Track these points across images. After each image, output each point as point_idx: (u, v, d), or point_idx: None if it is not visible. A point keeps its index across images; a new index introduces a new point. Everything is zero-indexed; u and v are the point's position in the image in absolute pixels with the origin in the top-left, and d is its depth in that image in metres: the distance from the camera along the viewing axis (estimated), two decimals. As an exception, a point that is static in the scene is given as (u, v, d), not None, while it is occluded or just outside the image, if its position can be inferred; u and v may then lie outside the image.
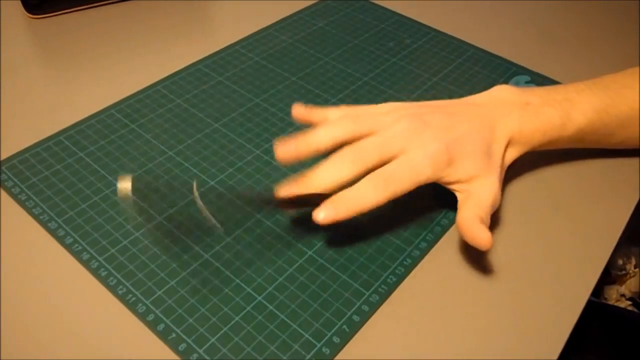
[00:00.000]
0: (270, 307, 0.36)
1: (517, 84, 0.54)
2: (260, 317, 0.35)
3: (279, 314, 0.36)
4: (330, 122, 0.39)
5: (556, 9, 0.67)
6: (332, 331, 0.35)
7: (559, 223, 0.42)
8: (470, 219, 0.37)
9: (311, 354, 0.34)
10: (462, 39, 0.60)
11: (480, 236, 0.36)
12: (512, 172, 0.45)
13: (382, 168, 0.37)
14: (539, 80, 0.55)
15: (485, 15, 0.65)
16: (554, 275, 0.39)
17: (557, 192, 0.44)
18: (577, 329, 0.36)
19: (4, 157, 0.45)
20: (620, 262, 1.06)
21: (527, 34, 0.62)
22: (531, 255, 0.40)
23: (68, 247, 0.39)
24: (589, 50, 0.60)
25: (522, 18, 0.65)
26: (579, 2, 0.68)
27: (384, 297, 0.37)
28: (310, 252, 0.39)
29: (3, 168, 0.44)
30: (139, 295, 0.36)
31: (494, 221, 0.42)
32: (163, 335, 0.34)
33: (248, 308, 0.36)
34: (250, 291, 0.37)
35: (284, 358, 0.33)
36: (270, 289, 0.37)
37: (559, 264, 0.40)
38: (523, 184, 0.45)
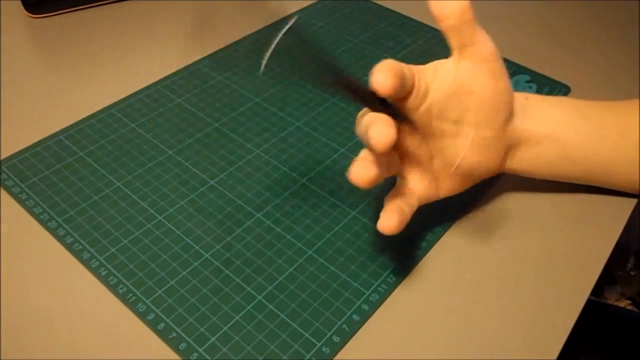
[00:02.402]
0: (270, 307, 0.36)
1: (517, 83, 0.54)
2: (260, 317, 0.35)
3: (279, 313, 0.36)
4: None
5: (556, 8, 0.67)
6: (332, 330, 0.35)
7: (559, 222, 0.42)
8: None
9: (311, 353, 0.34)
10: (462, 38, 0.60)
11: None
12: (512, 171, 0.45)
13: None
14: (539, 80, 0.55)
15: (485, 15, 0.65)
16: (553, 275, 0.39)
17: (557, 192, 0.44)
18: (575, 329, 0.36)
19: (4, 156, 0.45)
20: (620, 261, 1.06)
21: (527, 34, 0.62)
22: (531, 255, 0.40)
23: (68, 247, 0.39)
24: (589, 49, 0.60)
25: (522, 18, 0.65)
26: (579, 2, 0.68)
27: (383, 296, 0.37)
28: (310, 252, 0.39)
29: (3, 167, 0.44)
30: (139, 295, 0.36)
31: (495, 220, 0.42)
32: (163, 335, 0.34)
33: (248, 307, 0.36)
34: (251, 290, 0.37)
35: (284, 357, 0.34)
36: (271, 288, 0.37)
37: (558, 263, 0.40)
38: (523, 184, 0.45)
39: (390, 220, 0.34)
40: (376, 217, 0.41)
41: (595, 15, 0.66)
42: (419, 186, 0.37)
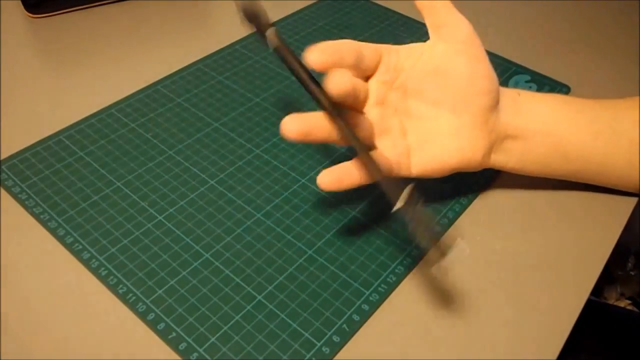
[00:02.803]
0: (270, 307, 0.36)
1: (517, 83, 0.54)
2: (260, 317, 0.35)
3: (279, 313, 0.36)
4: None
5: (556, 8, 0.67)
6: (332, 330, 0.35)
7: (559, 223, 0.42)
8: None
9: (311, 353, 0.34)
10: (462, 38, 0.60)
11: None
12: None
13: None
14: (539, 80, 0.55)
15: (485, 15, 0.65)
16: (553, 275, 0.39)
17: (557, 192, 0.44)
18: (576, 329, 0.36)
19: (4, 156, 0.45)
20: (620, 261, 1.06)
21: (526, 33, 0.62)
22: (531, 255, 0.40)
23: (68, 247, 0.39)
24: (589, 49, 0.60)
25: (522, 18, 0.65)
26: (579, 1, 0.68)
27: (384, 296, 0.37)
28: (310, 252, 0.39)
29: (3, 167, 0.44)
30: (139, 295, 0.36)
31: (495, 220, 0.42)
32: (163, 335, 0.34)
33: (248, 307, 0.36)
34: (251, 290, 0.37)
35: (284, 357, 0.34)
36: (271, 288, 0.37)
37: (558, 263, 0.40)
38: (523, 184, 0.45)
39: (323, 177, 0.35)
40: (376, 218, 0.42)
41: (595, 15, 0.66)
42: (388, 155, 0.37)
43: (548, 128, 0.39)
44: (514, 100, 0.39)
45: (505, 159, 0.40)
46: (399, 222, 0.41)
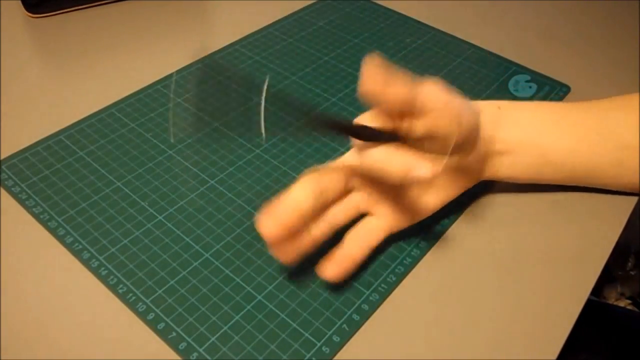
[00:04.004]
0: (270, 306, 0.36)
1: (517, 83, 0.54)
2: (260, 316, 0.35)
3: (279, 313, 0.36)
4: None
5: (556, 8, 0.67)
6: (332, 330, 0.35)
7: (559, 222, 0.42)
8: None
9: (311, 353, 0.34)
10: (462, 38, 0.60)
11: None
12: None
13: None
14: (539, 80, 0.55)
15: (485, 15, 0.65)
16: (553, 275, 0.39)
17: (557, 192, 0.44)
18: (575, 328, 0.36)
19: (4, 156, 0.45)
20: (620, 261, 1.06)
21: (527, 33, 0.62)
22: (531, 255, 0.40)
23: (68, 246, 0.39)
24: (589, 49, 0.60)
25: (522, 17, 0.65)
26: (579, 1, 0.68)
27: (384, 296, 0.37)
28: (310, 252, 0.39)
29: (3, 167, 0.44)
30: (139, 294, 0.36)
31: (495, 220, 0.42)
32: (163, 334, 0.34)
33: (248, 307, 0.36)
34: (250, 290, 0.37)
35: (284, 357, 0.34)
36: (270, 288, 0.37)
37: (558, 263, 0.40)
38: (522, 184, 0.45)
39: (329, 270, 0.36)
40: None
41: (595, 15, 0.66)
42: (387, 220, 0.38)
43: (531, 138, 0.39)
44: (494, 116, 0.39)
45: (496, 171, 0.40)
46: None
